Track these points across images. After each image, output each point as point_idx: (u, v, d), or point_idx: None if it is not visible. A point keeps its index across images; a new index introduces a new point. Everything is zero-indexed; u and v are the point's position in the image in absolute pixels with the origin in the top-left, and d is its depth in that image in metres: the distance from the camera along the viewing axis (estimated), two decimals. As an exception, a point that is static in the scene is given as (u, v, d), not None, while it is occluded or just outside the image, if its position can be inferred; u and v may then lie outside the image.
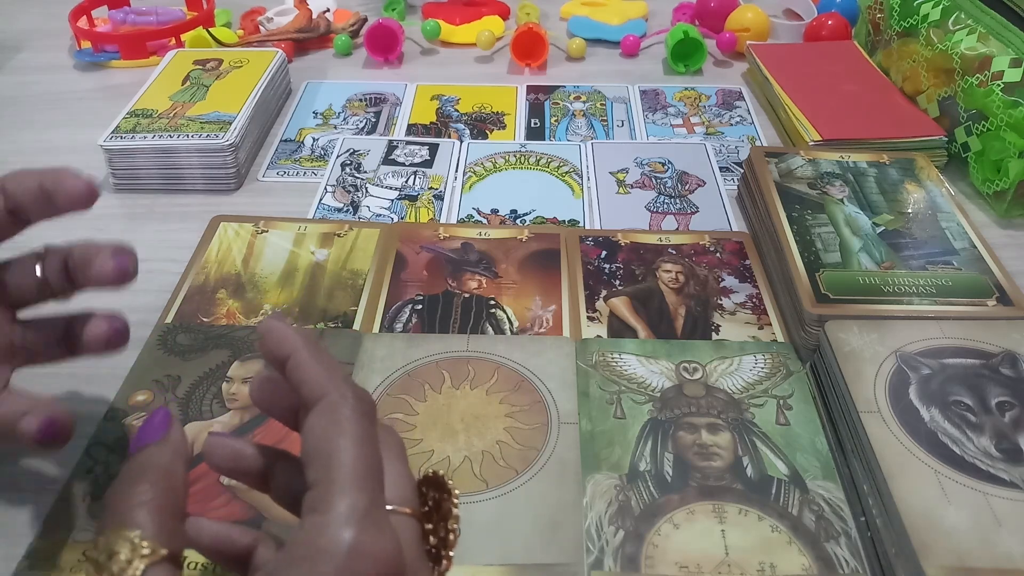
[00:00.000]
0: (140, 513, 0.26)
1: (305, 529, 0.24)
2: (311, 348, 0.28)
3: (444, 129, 0.72)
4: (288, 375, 0.28)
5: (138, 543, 0.25)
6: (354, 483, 0.25)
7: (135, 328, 0.49)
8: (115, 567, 0.25)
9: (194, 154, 0.62)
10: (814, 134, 0.65)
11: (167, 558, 0.26)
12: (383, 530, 0.25)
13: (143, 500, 0.26)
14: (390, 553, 0.24)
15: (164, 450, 0.28)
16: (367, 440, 0.26)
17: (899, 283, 0.48)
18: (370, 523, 0.24)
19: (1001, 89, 0.59)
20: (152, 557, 0.25)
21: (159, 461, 0.28)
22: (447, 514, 0.29)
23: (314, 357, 0.28)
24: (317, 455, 0.26)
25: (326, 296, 0.51)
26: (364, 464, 0.26)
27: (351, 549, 0.24)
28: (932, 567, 0.33)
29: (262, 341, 0.29)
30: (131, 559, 0.25)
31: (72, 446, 0.42)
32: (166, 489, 0.27)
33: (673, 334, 0.49)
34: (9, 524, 0.39)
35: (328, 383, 0.27)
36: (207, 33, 0.81)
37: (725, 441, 0.42)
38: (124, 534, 0.25)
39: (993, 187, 0.60)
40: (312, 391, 0.27)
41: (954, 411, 0.40)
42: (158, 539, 0.26)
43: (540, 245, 0.56)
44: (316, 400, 0.27)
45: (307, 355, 0.28)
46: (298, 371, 0.28)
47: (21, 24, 0.92)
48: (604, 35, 0.87)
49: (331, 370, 0.28)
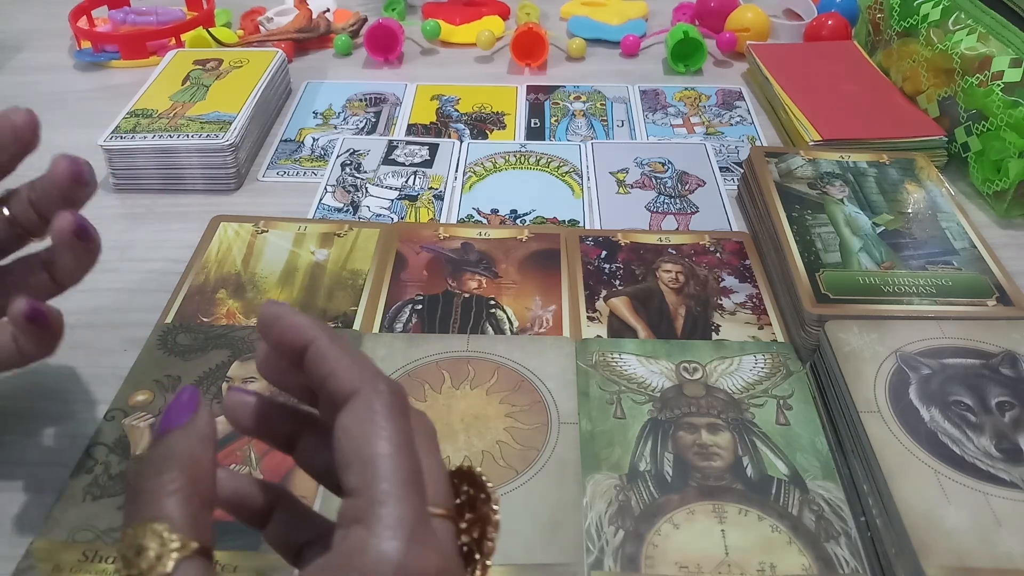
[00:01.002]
0: (168, 503, 0.24)
1: (350, 541, 0.23)
2: (332, 337, 0.26)
3: (444, 129, 0.72)
4: (309, 367, 0.26)
5: (167, 536, 0.23)
6: (398, 493, 0.24)
7: (135, 328, 0.50)
8: (144, 563, 0.23)
9: (194, 154, 0.62)
10: (814, 134, 0.65)
11: (198, 551, 0.24)
12: (428, 543, 0.24)
13: (171, 489, 0.24)
14: (437, 568, 0.24)
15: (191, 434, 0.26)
16: (406, 441, 0.25)
17: (899, 283, 0.48)
18: (416, 537, 0.23)
19: (1001, 89, 0.59)
20: (183, 551, 0.23)
21: (186, 447, 0.26)
22: (485, 518, 0.27)
23: (338, 347, 0.26)
24: (356, 460, 0.24)
25: (326, 296, 0.51)
26: (407, 470, 0.24)
27: (399, 567, 0.23)
28: (932, 567, 0.33)
29: (269, 329, 0.27)
30: (161, 554, 0.23)
31: (72, 446, 0.42)
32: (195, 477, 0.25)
33: (673, 334, 0.49)
34: (9, 524, 0.39)
35: (360, 377, 0.25)
36: (207, 33, 0.81)
37: (725, 441, 0.42)
38: (152, 527, 0.24)
39: (993, 187, 0.60)
40: (342, 386, 0.25)
41: (954, 411, 0.40)
42: (188, 531, 0.24)
43: (540, 245, 0.56)
44: (347, 396, 0.25)
45: (330, 345, 0.26)
46: (322, 363, 0.26)
47: (21, 24, 0.92)
48: (604, 35, 0.87)
49: (359, 361, 0.26)
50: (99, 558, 0.37)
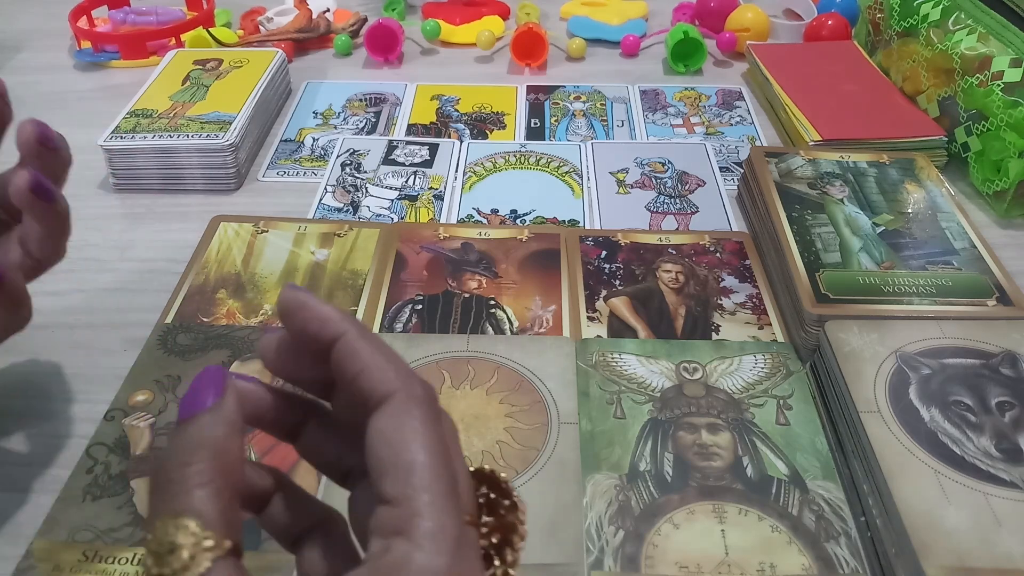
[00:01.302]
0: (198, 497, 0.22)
1: (393, 555, 0.22)
2: (362, 331, 0.25)
3: (444, 129, 0.72)
4: (337, 362, 0.25)
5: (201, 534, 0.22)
6: (441, 504, 0.23)
7: (135, 328, 0.50)
8: (176, 563, 0.21)
9: (194, 154, 0.62)
10: (814, 134, 0.65)
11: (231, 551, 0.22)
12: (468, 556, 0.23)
13: (200, 481, 0.23)
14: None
15: (219, 419, 0.24)
16: (444, 448, 0.24)
17: (899, 283, 0.48)
18: (459, 551, 0.23)
19: (1001, 89, 0.59)
20: (217, 551, 0.22)
21: (214, 433, 0.24)
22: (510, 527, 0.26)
23: (370, 343, 0.24)
24: (394, 467, 0.23)
25: (326, 296, 0.51)
26: (446, 480, 0.23)
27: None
28: (932, 567, 0.33)
29: (292, 316, 0.25)
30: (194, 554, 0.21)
31: (72, 446, 0.42)
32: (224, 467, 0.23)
33: (673, 334, 0.49)
34: (9, 524, 0.39)
35: (395, 377, 0.24)
36: (207, 33, 0.81)
37: (725, 441, 0.42)
38: (183, 523, 0.22)
39: (993, 187, 0.60)
40: (375, 386, 0.24)
41: (954, 411, 0.40)
42: (221, 528, 0.22)
43: (540, 245, 0.56)
44: (381, 397, 0.24)
45: (362, 341, 0.24)
46: (353, 360, 0.24)
47: (21, 24, 0.92)
48: (604, 35, 0.87)
49: (393, 360, 0.25)
50: (99, 558, 0.37)
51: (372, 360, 0.24)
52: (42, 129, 0.38)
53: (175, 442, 0.24)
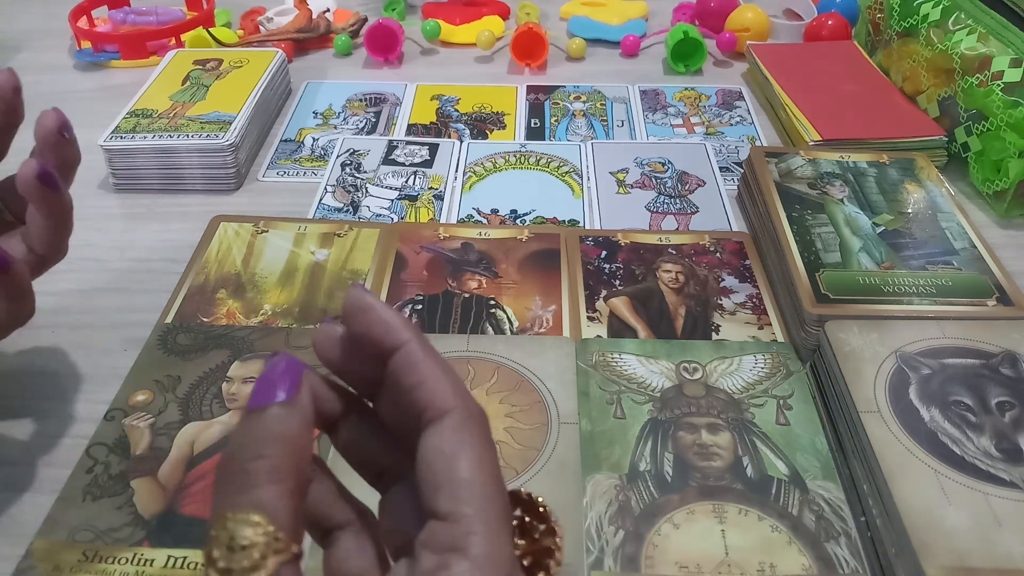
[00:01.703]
0: (270, 493, 0.22)
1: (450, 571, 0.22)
2: (423, 343, 0.25)
3: (444, 129, 0.72)
4: (395, 371, 0.24)
5: (272, 533, 0.21)
6: (496, 527, 0.23)
7: (135, 328, 0.50)
8: (246, 560, 0.21)
9: (194, 154, 0.62)
10: (814, 134, 0.65)
11: (295, 556, 0.22)
12: None
13: (273, 478, 0.22)
14: None
15: (294, 415, 0.23)
16: (497, 469, 0.24)
17: (899, 283, 0.48)
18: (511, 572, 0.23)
19: (1001, 89, 0.59)
20: (285, 554, 0.21)
21: (289, 428, 0.23)
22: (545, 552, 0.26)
23: (431, 357, 0.24)
24: (449, 485, 0.23)
25: (326, 296, 0.51)
26: (500, 502, 0.23)
27: None
28: (932, 567, 0.33)
29: (355, 318, 0.25)
30: (264, 554, 0.21)
31: (72, 446, 0.42)
32: (296, 467, 0.22)
33: (673, 334, 0.49)
34: (9, 524, 0.39)
35: (453, 395, 0.24)
36: (207, 33, 0.81)
37: (725, 441, 0.42)
38: (254, 519, 0.21)
39: (993, 187, 0.60)
40: (432, 401, 0.24)
41: (954, 411, 0.40)
42: (290, 531, 0.22)
43: (540, 245, 0.56)
44: (438, 413, 0.24)
45: (423, 354, 0.24)
46: (412, 371, 0.24)
47: (21, 24, 0.92)
48: (604, 35, 0.87)
49: (451, 377, 0.25)
50: (99, 558, 0.37)
51: (432, 374, 0.24)
52: (63, 118, 0.40)
53: (247, 431, 0.23)
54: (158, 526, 0.38)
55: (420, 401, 0.24)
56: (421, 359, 0.24)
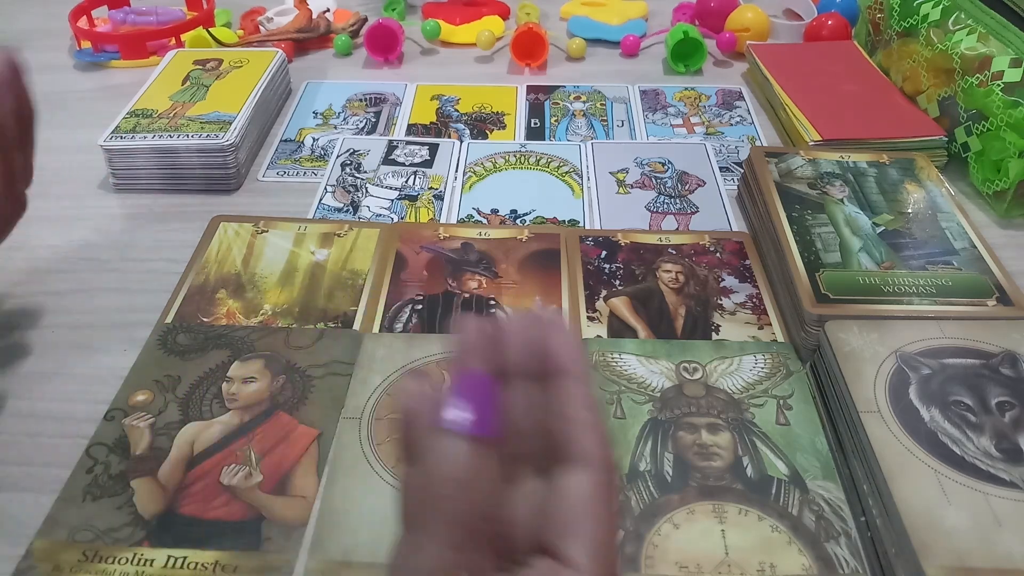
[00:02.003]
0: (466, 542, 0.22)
1: None
2: (587, 378, 0.26)
3: (444, 129, 0.72)
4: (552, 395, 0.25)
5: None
6: None
7: (135, 328, 0.50)
8: None
9: (194, 154, 0.62)
10: (814, 134, 0.65)
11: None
12: None
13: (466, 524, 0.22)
14: None
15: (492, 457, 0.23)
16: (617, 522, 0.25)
17: (899, 283, 0.48)
18: None
19: (1001, 89, 0.59)
20: None
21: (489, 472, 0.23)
22: None
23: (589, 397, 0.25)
24: (583, 532, 0.23)
25: (326, 296, 0.51)
26: (616, 553, 0.24)
27: None
28: (932, 567, 0.33)
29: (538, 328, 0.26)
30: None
31: (72, 446, 0.42)
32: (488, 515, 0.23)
33: (673, 334, 0.49)
34: (9, 524, 0.39)
35: (599, 443, 0.25)
36: (207, 33, 0.81)
37: (725, 441, 0.42)
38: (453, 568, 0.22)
39: (993, 187, 0.60)
40: (579, 442, 0.24)
41: (954, 411, 0.40)
42: None
43: (540, 245, 0.56)
44: (581, 456, 0.24)
45: (584, 390, 0.25)
46: (568, 404, 0.25)
47: (21, 24, 0.92)
48: (604, 35, 0.87)
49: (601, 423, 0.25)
50: (99, 558, 0.37)
51: (585, 414, 0.25)
52: None
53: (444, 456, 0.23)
54: (158, 526, 0.38)
55: (571, 435, 0.24)
56: (581, 396, 0.25)
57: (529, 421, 0.25)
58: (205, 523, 0.38)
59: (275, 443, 0.42)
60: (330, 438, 0.42)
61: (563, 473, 0.24)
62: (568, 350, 0.26)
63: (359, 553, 0.37)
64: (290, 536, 0.38)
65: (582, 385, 0.25)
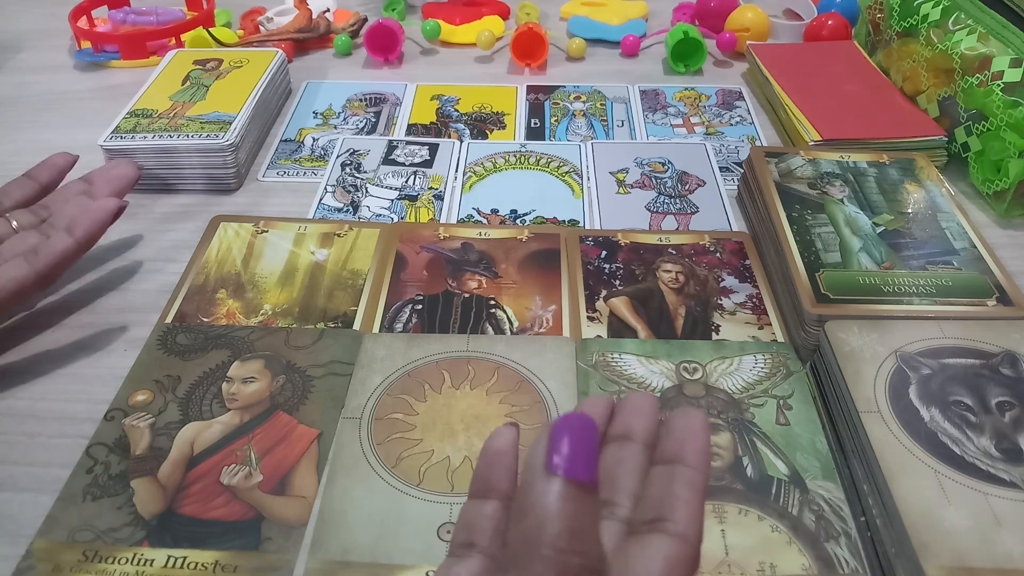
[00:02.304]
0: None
1: None
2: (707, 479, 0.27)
3: (444, 129, 0.72)
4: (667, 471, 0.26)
5: None
6: None
7: (135, 328, 0.50)
8: None
9: (194, 154, 0.62)
10: (814, 134, 0.65)
11: None
12: None
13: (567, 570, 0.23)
14: None
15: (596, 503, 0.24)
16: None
17: (899, 283, 0.48)
18: None
19: (1001, 89, 0.59)
20: None
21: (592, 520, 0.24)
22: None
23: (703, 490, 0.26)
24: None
25: (326, 296, 0.51)
26: None
27: None
28: (932, 567, 0.33)
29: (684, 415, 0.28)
30: None
31: (72, 446, 0.42)
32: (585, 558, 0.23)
33: (673, 334, 0.49)
34: (9, 524, 0.39)
35: (694, 519, 0.25)
36: (207, 33, 0.81)
37: (725, 441, 0.42)
38: None
39: (993, 187, 0.60)
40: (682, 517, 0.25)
41: (954, 411, 0.40)
42: None
43: (540, 245, 0.56)
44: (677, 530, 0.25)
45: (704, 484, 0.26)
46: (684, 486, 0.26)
47: (21, 24, 0.92)
48: (604, 35, 0.87)
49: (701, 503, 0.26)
50: (99, 558, 0.37)
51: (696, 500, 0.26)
52: None
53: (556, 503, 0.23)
54: (158, 526, 0.38)
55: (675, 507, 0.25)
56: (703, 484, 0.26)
57: (631, 481, 0.27)
58: (205, 523, 0.38)
59: (275, 443, 0.42)
60: (330, 438, 0.42)
61: (656, 537, 0.25)
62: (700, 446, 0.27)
63: (359, 553, 0.37)
64: (290, 536, 0.38)
65: (702, 477, 0.26)
